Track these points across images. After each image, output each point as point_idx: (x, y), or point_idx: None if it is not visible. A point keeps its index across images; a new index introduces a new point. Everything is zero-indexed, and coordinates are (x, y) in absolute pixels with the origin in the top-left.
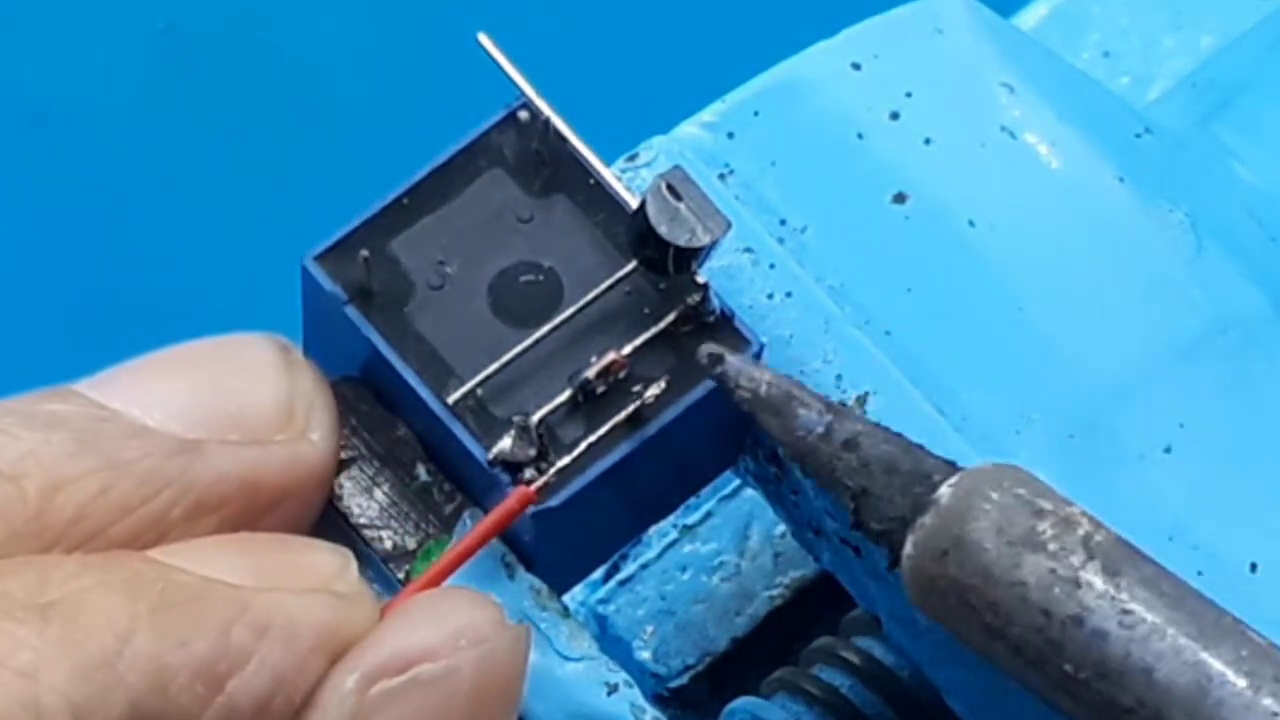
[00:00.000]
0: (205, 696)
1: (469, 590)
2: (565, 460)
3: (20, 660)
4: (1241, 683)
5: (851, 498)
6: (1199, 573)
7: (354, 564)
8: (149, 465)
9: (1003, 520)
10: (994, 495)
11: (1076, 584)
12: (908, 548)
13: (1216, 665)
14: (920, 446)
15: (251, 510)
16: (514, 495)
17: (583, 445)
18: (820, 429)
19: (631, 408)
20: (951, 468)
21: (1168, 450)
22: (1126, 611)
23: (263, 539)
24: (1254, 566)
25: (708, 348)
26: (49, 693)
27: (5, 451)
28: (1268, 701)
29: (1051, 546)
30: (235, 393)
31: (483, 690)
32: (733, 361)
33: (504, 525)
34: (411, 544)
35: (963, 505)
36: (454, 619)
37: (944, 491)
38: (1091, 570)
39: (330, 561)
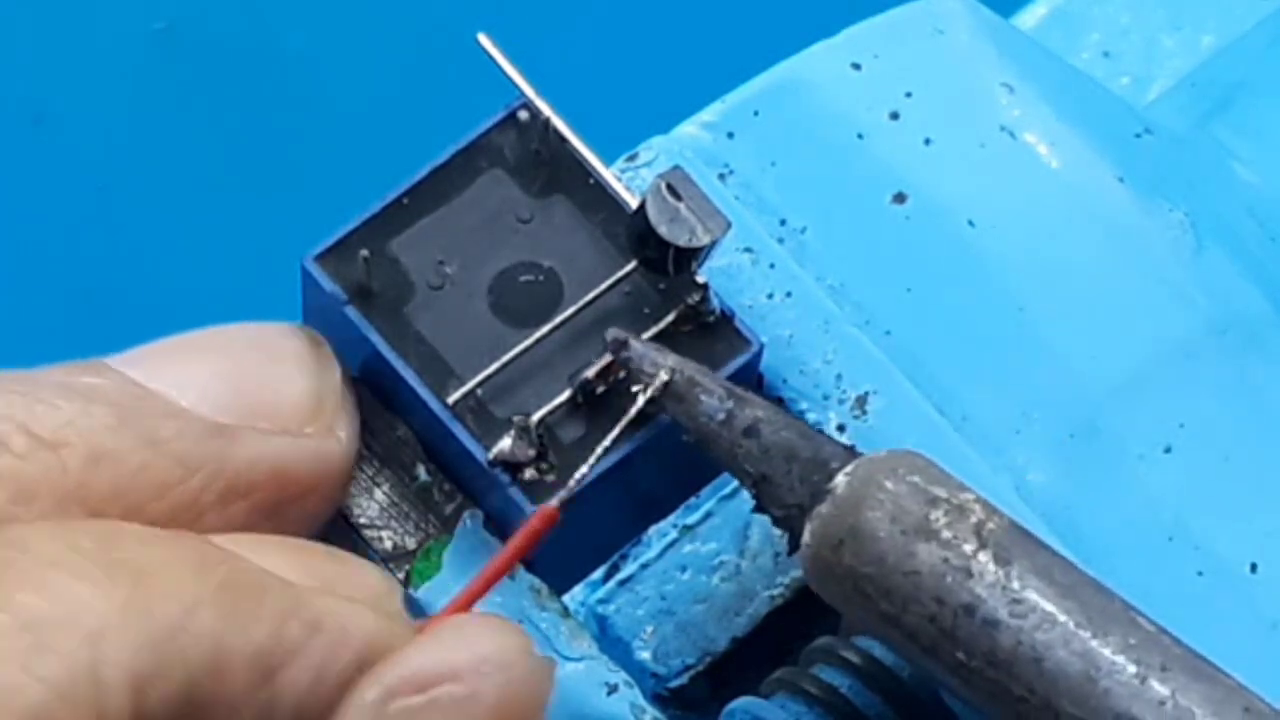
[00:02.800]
0: (255, 685)
1: (498, 617)
2: (583, 469)
3: (86, 623)
4: (1130, 670)
5: (753, 484)
6: (1199, 573)
7: (400, 590)
8: (185, 446)
9: (896, 509)
10: (888, 484)
11: (968, 573)
12: (805, 536)
13: (1105, 653)
14: (821, 433)
15: (279, 500)
16: (537, 516)
17: (582, 446)
18: (721, 415)
19: (632, 408)
20: (850, 454)
21: (1168, 450)
22: (1017, 600)
23: (317, 549)
24: (1254, 566)
25: (612, 332)
26: (112, 663)
27: (45, 420)
28: (1155, 688)
29: (944, 535)
30: (267, 381)
31: (503, 717)
32: (636, 346)
33: (530, 547)
34: (411, 544)
35: (858, 494)
36: (481, 644)
37: (840, 481)
38: (983, 558)
39: (379, 581)
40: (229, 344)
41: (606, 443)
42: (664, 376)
